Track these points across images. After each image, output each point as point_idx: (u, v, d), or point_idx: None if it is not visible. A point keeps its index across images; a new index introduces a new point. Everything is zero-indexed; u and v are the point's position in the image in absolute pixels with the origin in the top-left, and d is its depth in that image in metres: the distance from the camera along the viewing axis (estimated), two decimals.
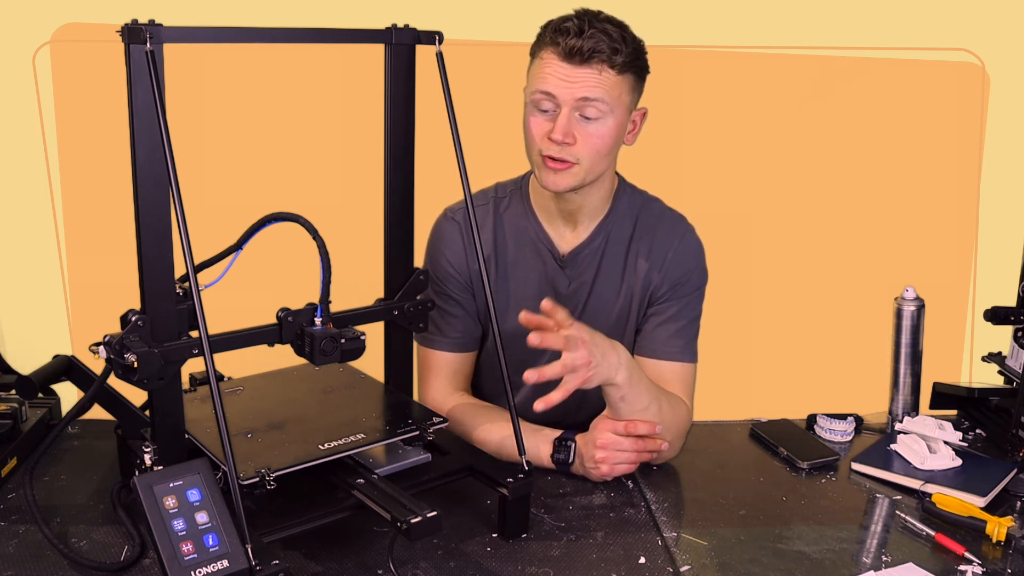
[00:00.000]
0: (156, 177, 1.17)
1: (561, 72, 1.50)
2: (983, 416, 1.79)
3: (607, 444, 1.49)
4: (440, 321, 1.69)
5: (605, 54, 1.49)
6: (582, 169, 1.55)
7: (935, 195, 2.46)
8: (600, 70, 1.50)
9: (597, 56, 1.49)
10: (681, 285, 1.68)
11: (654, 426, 1.51)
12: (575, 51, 1.48)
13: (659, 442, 1.53)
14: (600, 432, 1.50)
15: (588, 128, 1.53)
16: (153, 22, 1.12)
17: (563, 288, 1.69)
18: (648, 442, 1.52)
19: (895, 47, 2.34)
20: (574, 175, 1.56)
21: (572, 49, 1.48)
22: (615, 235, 1.69)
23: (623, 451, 1.50)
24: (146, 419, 1.36)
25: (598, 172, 1.58)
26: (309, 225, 1.26)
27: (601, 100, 1.51)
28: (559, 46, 1.50)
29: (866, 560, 1.33)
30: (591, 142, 1.53)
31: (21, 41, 2.18)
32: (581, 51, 1.48)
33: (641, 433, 1.50)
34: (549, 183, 1.57)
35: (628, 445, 1.50)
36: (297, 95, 2.27)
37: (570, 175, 1.56)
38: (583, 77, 1.50)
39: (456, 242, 1.69)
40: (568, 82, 1.50)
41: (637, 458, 1.52)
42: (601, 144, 1.54)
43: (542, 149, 1.55)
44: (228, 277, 1.31)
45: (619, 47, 1.50)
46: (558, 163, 1.54)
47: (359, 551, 1.30)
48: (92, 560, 1.25)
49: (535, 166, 1.59)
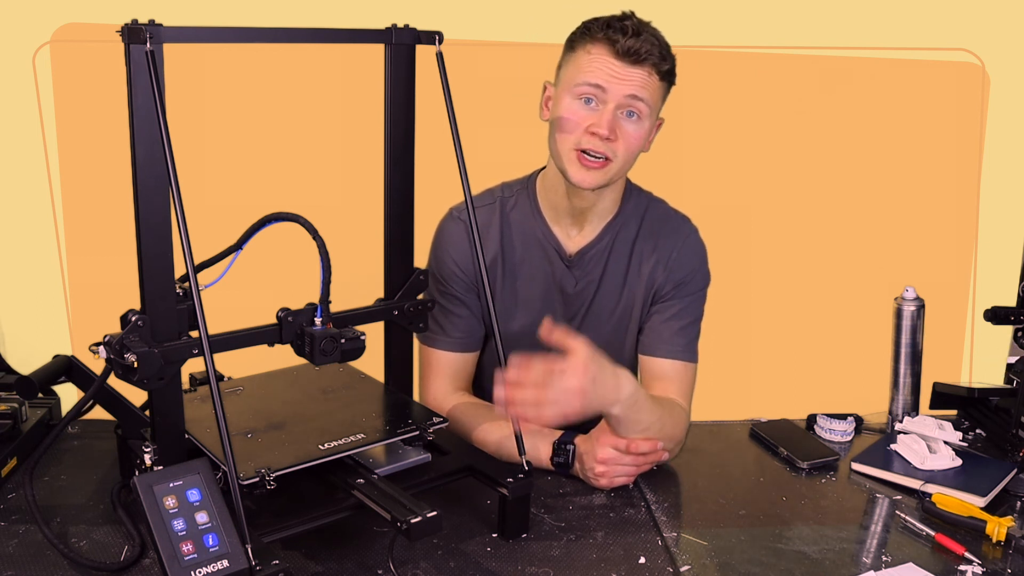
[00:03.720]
0: (156, 177, 1.17)
1: (613, 68, 1.52)
2: (983, 416, 1.79)
3: (607, 459, 1.49)
4: (443, 320, 1.69)
5: (655, 58, 1.52)
6: (614, 167, 1.56)
7: (935, 195, 2.46)
8: (649, 72, 1.53)
9: (650, 60, 1.52)
10: (685, 284, 1.69)
11: (656, 443, 1.51)
12: (631, 51, 1.51)
13: (659, 454, 1.53)
14: (601, 447, 1.49)
15: (628, 127, 1.54)
16: (153, 22, 1.12)
17: (570, 288, 1.70)
18: (649, 456, 1.51)
19: (895, 47, 2.34)
20: (606, 172, 1.56)
21: (629, 49, 1.51)
22: (622, 235, 1.69)
23: (623, 466, 1.50)
24: (146, 419, 1.36)
25: (624, 173, 1.61)
26: (309, 225, 1.26)
27: (645, 101, 1.53)
28: (614, 44, 1.51)
29: (866, 560, 1.33)
30: (629, 141, 1.55)
31: (21, 41, 2.17)
32: (638, 52, 1.51)
33: (642, 451, 1.50)
34: (579, 179, 1.56)
35: (629, 460, 1.50)
36: (297, 95, 2.26)
37: (602, 172, 1.56)
38: (635, 76, 1.52)
39: (461, 242, 1.69)
40: (620, 79, 1.52)
41: (637, 472, 1.52)
42: (636, 145, 1.56)
43: (579, 143, 1.54)
44: (228, 277, 1.31)
45: (666, 55, 1.54)
46: (593, 160, 1.54)
47: (359, 551, 1.30)
48: (92, 560, 1.25)
49: (564, 160, 1.57)
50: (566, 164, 1.57)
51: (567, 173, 1.57)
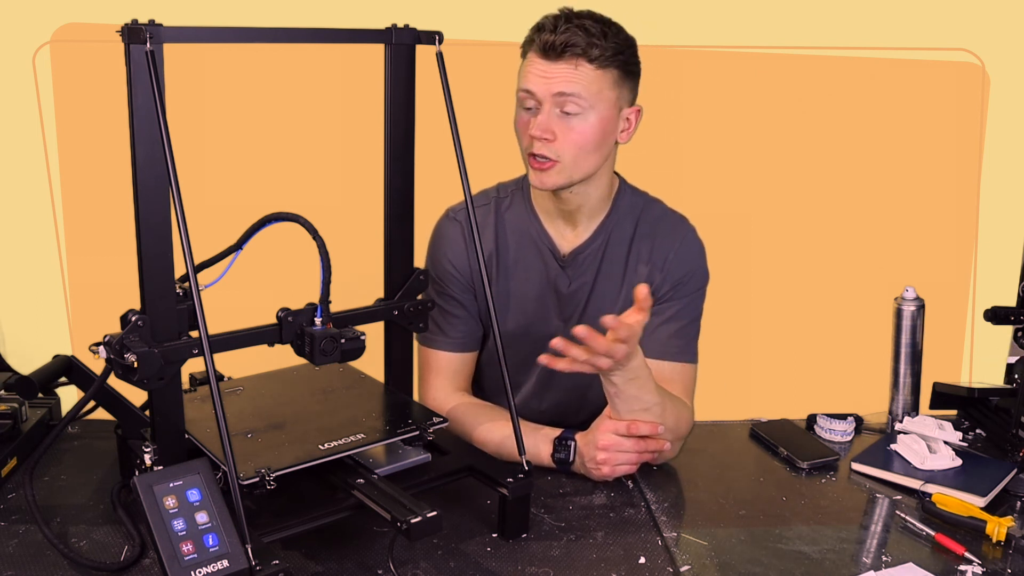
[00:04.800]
0: (156, 177, 1.17)
1: (539, 68, 1.52)
2: (983, 416, 1.79)
3: (609, 445, 1.49)
4: (441, 321, 1.69)
5: (580, 47, 1.49)
6: (566, 166, 1.55)
7: (935, 195, 2.46)
8: (576, 64, 1.50)
9: (571, 50, 1.49)
10: (683, 285, 1.68)
11: (656, 426, 1.50)
12: (549, 46, 1.50)
13: (661, 442, 1.53)
14: (602, 433, 1.50)
15: (568, 124, 1.53)
16: (153, 22, 1.12)
17: (564, 288, 1.69)
18: (650, 442, 1.51)
19: (895, 47, 2.34)
20: (559, 172, 1.56)
21: (546, 44, 1.50)
22: (616, 235, 1.69)
23: (625, 452, 1.50)
24: (146, 419, 1.36)
25: (586, 169, 1.58)
26: (309, 225, 1.26)
27: (578, 95, 1.51)
28: (535, 42, 1.52)
29: (866, 560, 1.33)
30: (571, 138, 1.53)
31: (21, 41, 2.18)
32: (554, 46, 1.49)
33: (643, 433, 1.50)
34: (536, 182, 1.58)
35: (630, 446, 1.50)
36: (297, 95, 2.27)
37: (554, 173, 1.56)
38: (558, 72, 1.51)
39: (458, 242, 1.69)
40: (545, 78, 1.51)
41: (638, 459, 1.52)
42: (582, 140, 1.54)
43: (528, 148, 1.56)
44: (228, 277, 1.31)
45: (597, 41, 1.50)
46: (542, 162, 1.55)
47: (359, 551, 1.30)
48: (92, 560, 1.25)
49: (526, 168, 1.60)
50: (528, 171, 1.60)
51: (529, 178, 1.60)
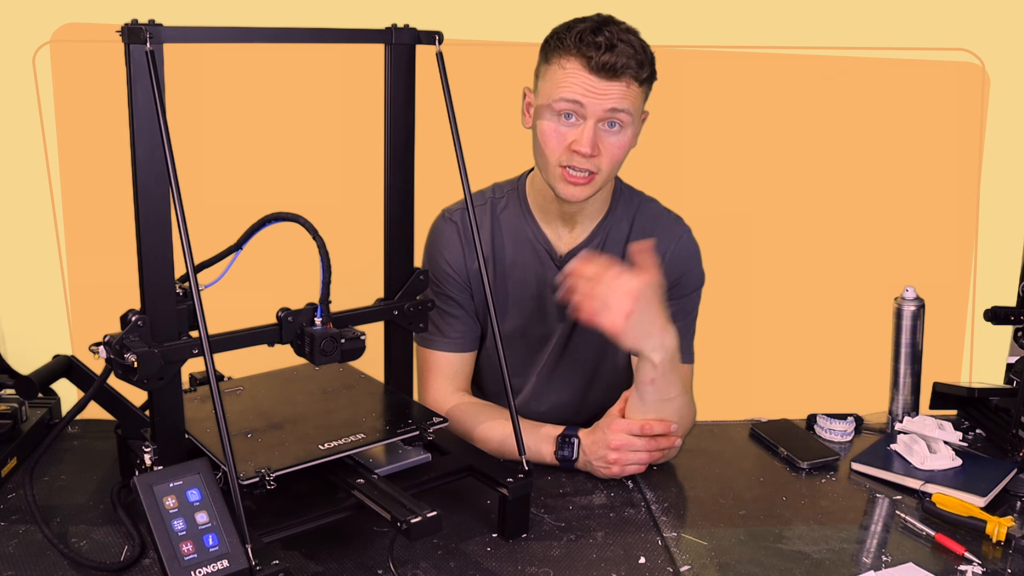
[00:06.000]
0: (156, 177, 1.17)
1: (590, 84, 1.49)
2: (983, 416, 1.79)
3: (621, 445, 1.49)
4: (440, 322, 1.69)
5: (633, 70, 1.49)
6: (600, 179, 1.56)
7: (935, 195, 2.46)
8: (628, 84, 1.50)
9: (628, 72, 1.49)
10: (679, 286, 1.69)
11: (669, 425, 1.51)
12: (607, 66, 1.47)
13: (672, 439, 1.53)
14: (614, 432, 1.50)
15: (610, 139, 1.53)
16: (153, 22, 1.12)
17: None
18: (660, 441, 1.52)
19: (895, 47, 2.34)
20: (593, 186, 1.56)
21: (604, 64, 1.47)
22: (612, 236, 1.69)
23: (636, 451, 1.50)
24: (146, 419, 1.36)
25: (612, 178, 1.61)
26: (309, 225, 1.26)
27: (626, 112, 1.51)
28: (589, 59, 1.48)
29: (866, 560, 1.33)
30: (612, 152, 1.54)
31: (21, 41, 2.18)
32: (614, 67, 1.47)
33: (656, 433, 1.50)
34: (568, 195, 1.56)
35: (641, 445, 1.50)
36: (297, 95, 2.27)
37: (590, 186, 1.56)
38: (613, 90, 1.49)
39: (454, 243, 1.69)
40: (598, 95, 1.49)
41: (649, 458, 1.52)
42: (620, 154, 1.55)
43: (563, 160, 1.54)
44: (228, 277, 1.31)
45: (643, 60, 1.51)
46: (579, 175, 1.54)
47: (359, 551, 1.30)
48: (92, 560, 1.25)
49: (551, 176, 1.57)
50: (553, 180, 1.57)
51: (555, 189, 1.58)
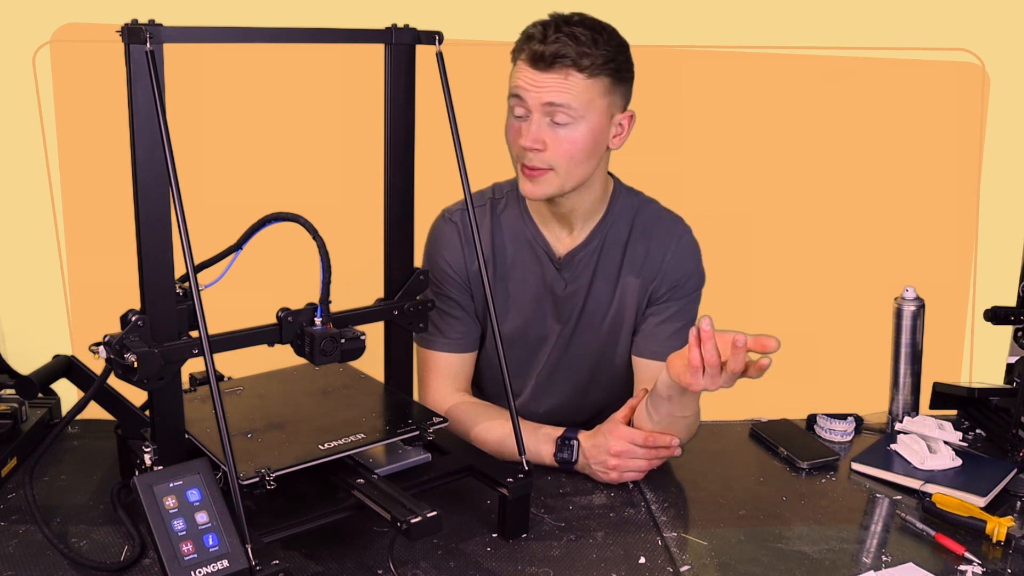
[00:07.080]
0: (156, 177, 1.17)
1: (528, 77, 1.50)
2: (983, 416, 1.79)
3: (622, 452, 1.50)
4: (439, 322, 1.69)
5: (570, 59, 1.47)
6: (558, 176, 1.54)
7: (935, 195, 2.46)
8: (566, 75, 1.48)
9: (560, 61, 1.48)
10: (680, 287, 1.68)
11: (673, 438, 1.52)
12: (539, 56, 1.48)
13: (673, 450, 1.54)
14: (616, 440, 1.50)
15: (559, 133, 1.51)
16: (153, 22, 1.12)
17: (560, 290, 1.69)
18: (661, 450, 1.52)
19: (895, 47, 2.34)
20: (549, 182, 1.55)
21: (536, 55, 1.48)
22: (612, 237, 1.68)
23: (636, 459, 1.51)
24: (146, 419, 1.36)
25: (578, 178, 1.57)
26: (309, 225, 1.26)
27: (568, 106, 1.49)
28: (530, 52, 1.49)
29: (866, 560, 1.33)
30: (563, 147, 1.52)
31: (21, 41, 2.18)
32: (544, 57, 1.48)
33: (660, 445, 1.51)
34: (526, 191, 1.57)
35: (642, 453, 1.51)
36: (297, 95, 2.27)
37: (545, 183, 1.55)
38: (549, 82, 1.49)
39: (454, 243, 1.69)
40: (535, 87, 1.50)
41: (649, 466, 1.53)
42: (574, 149, 1.52)
43: (520, 157, 1.55)
44: (228, 277, 1.31)
45: (588, 51, 1.48)
46: (533, 171, 1.54)
47: (359, 551, 1.30)
48: (92, 560, 1.25)
49: (517, 175, 1.59)
50: (518, 178, 1.59)
51: (520, 188, 1.59)
